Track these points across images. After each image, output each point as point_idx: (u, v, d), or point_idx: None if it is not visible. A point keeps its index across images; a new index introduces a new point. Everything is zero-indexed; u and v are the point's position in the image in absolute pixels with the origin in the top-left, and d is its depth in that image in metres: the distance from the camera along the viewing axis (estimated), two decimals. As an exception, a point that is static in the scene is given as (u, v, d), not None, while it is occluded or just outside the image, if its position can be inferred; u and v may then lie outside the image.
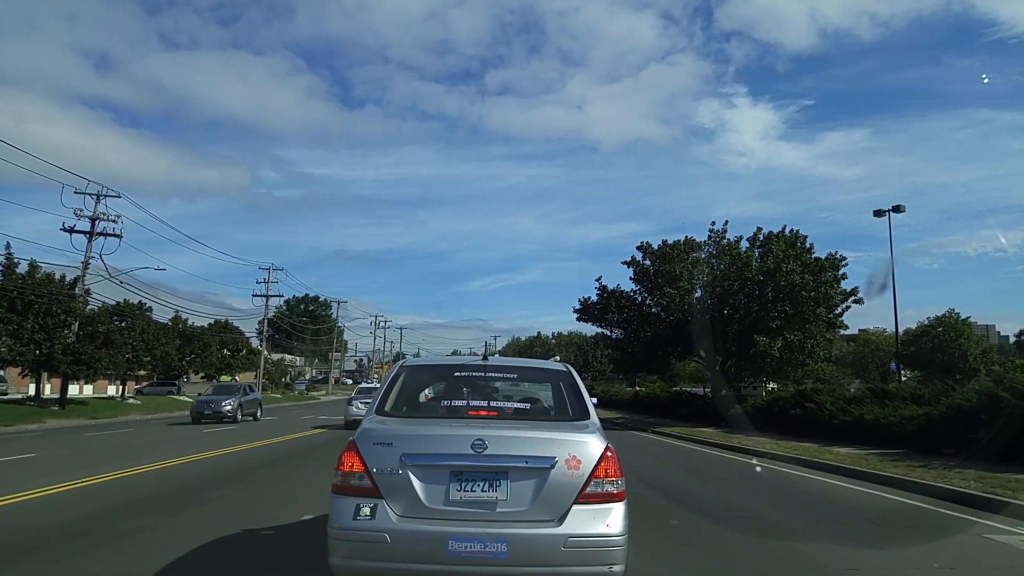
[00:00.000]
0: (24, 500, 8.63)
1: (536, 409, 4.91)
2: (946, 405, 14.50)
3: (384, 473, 3.76)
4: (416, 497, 3.72)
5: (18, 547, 6.16)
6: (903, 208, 31.91)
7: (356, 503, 3.73)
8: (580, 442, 3.92)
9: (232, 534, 6.60)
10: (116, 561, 5.70)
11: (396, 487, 3.74)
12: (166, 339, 43.41)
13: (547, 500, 3.74)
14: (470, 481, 3.76)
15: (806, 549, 6.60)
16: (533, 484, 3.76)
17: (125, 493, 9.20)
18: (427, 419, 4.53)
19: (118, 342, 35.63)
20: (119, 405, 38.51)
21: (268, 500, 8.85)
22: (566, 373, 5.02)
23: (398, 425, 4.22)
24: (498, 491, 3.76)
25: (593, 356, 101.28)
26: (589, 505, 3.76)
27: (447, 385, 5.24)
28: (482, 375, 4.97)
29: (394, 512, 3.71)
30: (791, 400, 21.48)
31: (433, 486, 3.75)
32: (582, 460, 3.82)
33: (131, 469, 11.65)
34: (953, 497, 9.35)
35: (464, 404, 4.63)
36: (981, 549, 6.73)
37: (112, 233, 35.75)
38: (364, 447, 3.86)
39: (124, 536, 6.56)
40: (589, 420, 4.35)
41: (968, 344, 50.73)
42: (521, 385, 5.88)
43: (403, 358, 13.51)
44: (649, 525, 7.15)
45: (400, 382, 4.80)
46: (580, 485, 3.78)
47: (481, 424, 4.14)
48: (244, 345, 58.26)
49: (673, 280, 29.02)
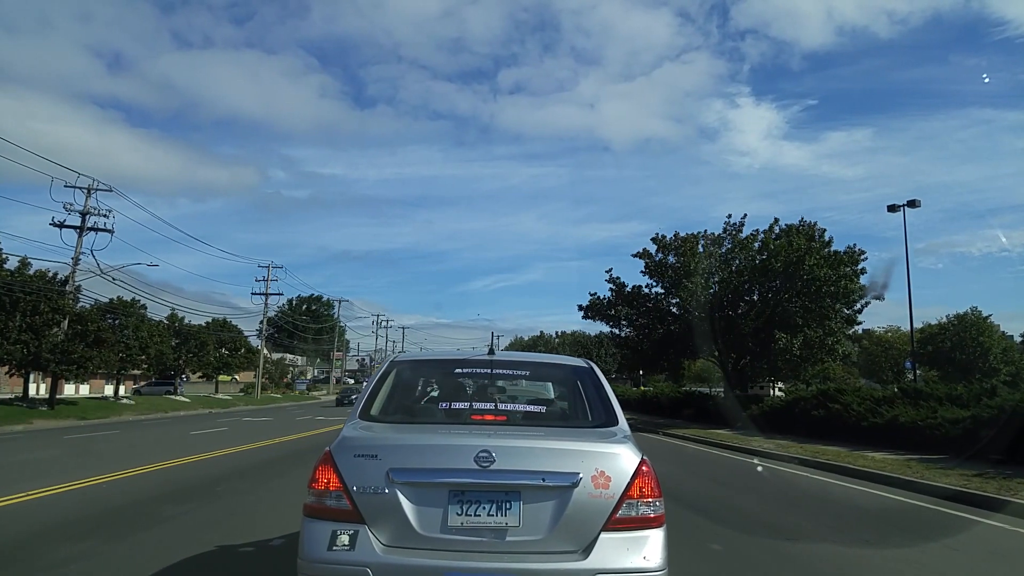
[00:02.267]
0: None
1: (553, 413, 4.06)
2: (997, 407, 13.18)
3: (367, 492, 3.04)
4: (406, 522, 3.01)
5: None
6: (919, 203, 30.51)
7: (332, 529, 3.01)
8: (609, 454, 3.20)
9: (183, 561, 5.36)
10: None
11: (382, 510, 3.02)
12: (161, 338, 42.22)
13: (569, 526, 3.04)
14: (474, 503, 3.06)
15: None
16: (552, 507, 3.06)
17: (72, 509, 7.96)
18: (421, 425, 3.73)
19: (110, 341, 34.49)
20: (112, 406, 37.34)
21: (237, 517, 7.60)
22: (588, 370, 4.20)
23: (386, 433, 3.45)
24: (508, 515, 3.05)
25: (598, 355, 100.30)
26: (621, 532, 3.06)
27: (446, 384, 4.35)
28: (488, 372, 4.21)
29: (379, 541, 3.00)
30: (813, 400, 20.16)
31: (428, 509, 3.04)
32: (612, 477, 3.11)
33: (92, 479, 10.40)
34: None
35: (466, 407, 3.88)
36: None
37: (103, 228, 34.71)
38: (343, 460, 3.12)
39: (43, 571, 5.33)
40: (617, 426, 3.61)
41: (990, 342, 49.17)
42: (534, 384, 4.95)
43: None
44: (686, 551, 5.89)
45: (390, 381, 4.03)
46: (610, 508, 3.07)
47: (487, 432, 3.32)
48: (243, 344, 57.08)
49: (688, 274, 27.67)
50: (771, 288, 27.81)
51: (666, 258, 29.91)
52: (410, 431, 3.53)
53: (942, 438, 14.18)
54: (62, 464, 12.95)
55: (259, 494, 9.39)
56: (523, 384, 4.91)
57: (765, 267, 27.08)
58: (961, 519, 8.19)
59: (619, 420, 3.69)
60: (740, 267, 28.69)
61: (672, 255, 29.87)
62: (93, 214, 34.33)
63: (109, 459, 13.68)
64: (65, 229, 33.85)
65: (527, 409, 3.96)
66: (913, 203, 30.59)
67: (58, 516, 7.50)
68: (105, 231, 34.68)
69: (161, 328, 43.90)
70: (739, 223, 29.73)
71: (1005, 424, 12.60)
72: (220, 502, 8.68)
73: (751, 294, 28.83)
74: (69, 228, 33.95)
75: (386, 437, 3.36)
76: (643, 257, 30.56)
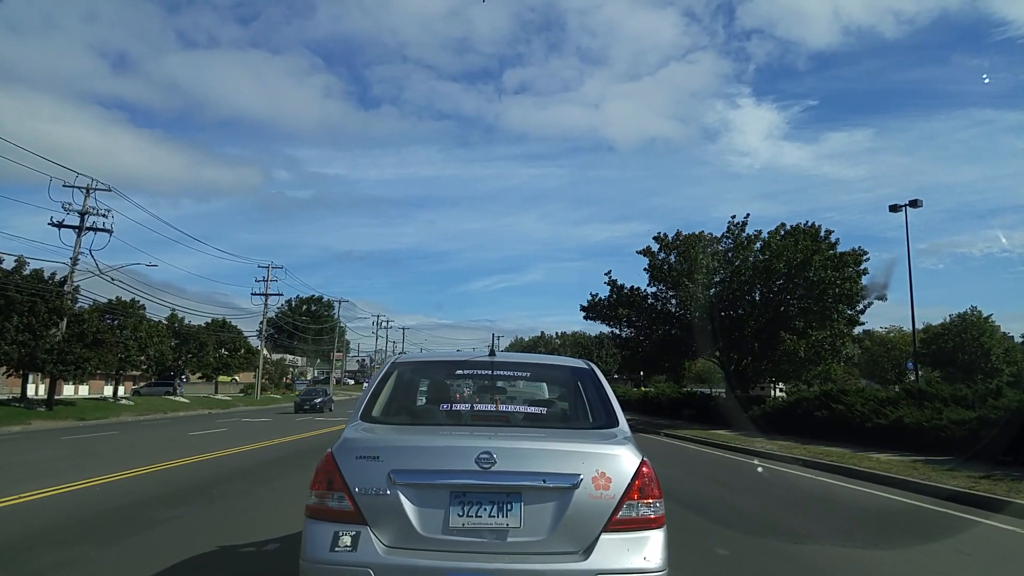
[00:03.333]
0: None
1: (554, 414, 4.11)
2: (1003, 408, 13.03)
3: (369, 494, 3.08)
4: (408, 523, 3.05)
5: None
6: (920, 203, 30.39)
7: (334, 530, 3.05)
8: (610, 455, 3.23)
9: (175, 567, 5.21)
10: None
11: (383, 511, 3.06)
12: (160, 338, 42.08)
13: (570, 527, 3.07)
14: (475, 504, 3.09)
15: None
16: (552, 508, 3.09)
17: (65, 511, 7.80)
18: (423, 427, 3.77)
19: (108, 341, 34.34)
20: (110, 406, 37.18)
21: (234, 519, 7.45)
22: (589, 371, 4.24)
23: (387, 434, 3.50)
24: (509, 516, 3.08)
25: (599, 355, 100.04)
26: (622, 533, 3.09)
27: (448, 385, 4.45)
28: (489, 373, 4.25)
29: (381, 542, 3.04)
30: (816, 401, 20.01)
31: (429, 510, 3.07)
32: (612, 478, 3.14)
33: (86, 481, 10.25)
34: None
35: (468, 408, 4.00)
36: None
37: (102, 228, 34.53)
38: (344, 461, 3.16)
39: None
40: (618, 428, 3.64)
41: (991, 343, 48.94)
42: (535, 385, 5.00)
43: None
44: (691, 554, 5.74)
45: (391, 382, 4.06)
46: (611, 509, 3.10)
47: (488, 433, 3.38)
48: (243, 344, 56.92)
49: (690, 273, 27.52)
50: (774, 289, 27.65)
51: (668, 257, 29.76)
52: (411, 432, 3.56)
53: (948, 439, 14.02)
54: (57, 465, 12.79)
55: (260, 494, 9.25)
56: (523, 385, 4.91)
57: (768, 267, 26.91)
58: (970, 521, 8.04)
59: (619, 421, 3.68)
60: (742, 267, 28.54)
61: (674, 254, 29.73)
62: (92, 214, 34.19)
63: (107, 460, 13.54)
64: (64, 229, 33.73)
65: (528, 410, 3.97)
66: (915, 203, 30.42)
67: (49, 519, 7.36)
68: (104, 231, 34.57)
69: (160, 329, 43.72)
70: (742, 222, 29.61)
71: (1011, 425, 12.45)
72: (216, 505, 8.52)
73: (752, 295, 28.68)
74: (68, 228, 33.84)
75: (388, 439, 3.38)
76: (646, 255, 30.42)
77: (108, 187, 34.85)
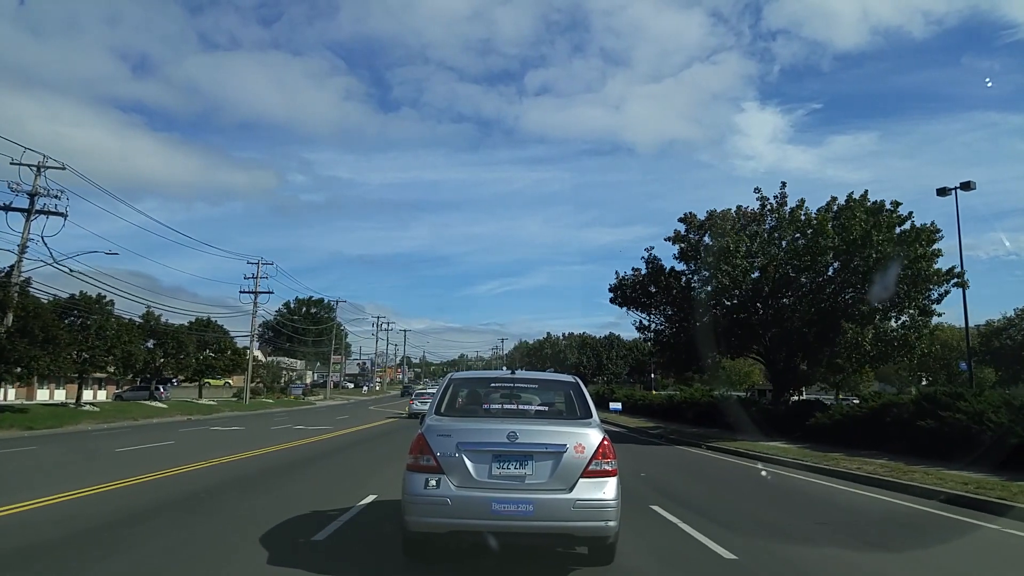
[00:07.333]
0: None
1: (552, 411, 6.59)
2: None
3: (445, 456, 5.38)
4: (468, 473, 5.36)
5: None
6: (973, 185, 26.14)
7: (425, 478, 5.35)
8: (584, 434, 5.58)
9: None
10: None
11: (454, 466, 5.36)
12: (130, 337, 37.92)
13: (561, 475, 5.37)
14: (506, 461, 5.41)
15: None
16: (551, 463, 5.41)
17: None
18: (473, 417, 6.13)
19: (63, 340, 30.21)
20: (69, 413, 32.96)
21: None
22: (574, 384, 6.66)
23: (452, 422, 5.80)
24: (526, 468, 5.40)
25: (608, 358, 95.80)
26: (591, 479, 5.37)
27: (485, 393, 6.79)
28: (511, 386, 6.77)
29: (452, 483, 5.33)
30: (913, 407, 15.72)
31: (480, 465, 5.39)
32: (585, 447, 5.45)
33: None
34: None
35: (499, 407, 6.48)
36: None
37: (55, 211, 30.44)
38: (430, 437, 5.49)
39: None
40: (592, 419, 5.95)
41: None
42: (541, 393, 7.00)
43: (407, 361, 61.87)
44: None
45: (451, 390, 6.47)
46: (584, 464, 5.40)
47: (513, 421, 5.82)
48: (228, 346, 52.72)
49: (727, 256, 23.06)
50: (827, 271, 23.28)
51: (701, 238, 25.51)
52: (466, 421, 5.95)
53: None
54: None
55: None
56: (533, 393, 6.97)
57: (819, 246, 22.47)
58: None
59: (593, 415, 6.04)
60: (788, 247, 24.21)
61: (707, 235, 25.48)
62: (43, 195, 30.15)
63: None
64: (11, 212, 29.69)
65: (536, 408, 6.63)
66: (967, 185, 26.16)
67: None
68: (57, 214, 30.47)
69: (131, 327, 39.57)
70: (780, 195, 25.26)
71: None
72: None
73: (799, 279, 24.24)
74: (16, 211, 29.79)
75: (454, 424, 5.75)
76: (676, 241, 26.16)
77: (62, 165, 30.82)
